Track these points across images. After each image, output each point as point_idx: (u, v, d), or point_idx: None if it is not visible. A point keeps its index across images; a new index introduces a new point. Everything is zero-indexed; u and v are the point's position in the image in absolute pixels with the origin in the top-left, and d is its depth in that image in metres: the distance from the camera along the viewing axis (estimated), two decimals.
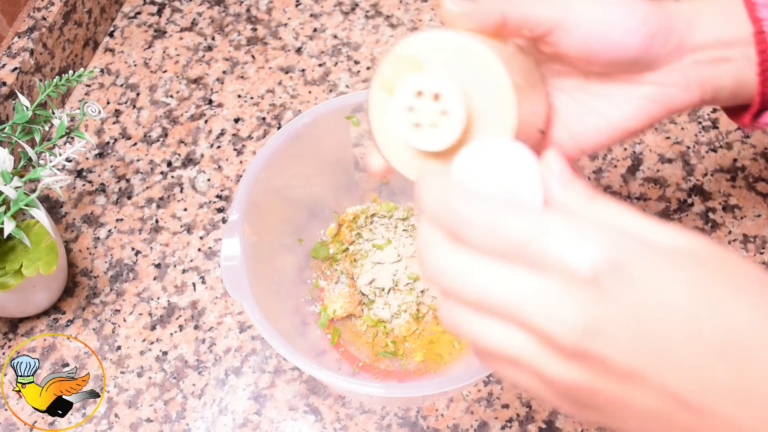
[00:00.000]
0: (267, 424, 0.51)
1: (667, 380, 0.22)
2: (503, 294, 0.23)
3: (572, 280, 0.22)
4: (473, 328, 0.25)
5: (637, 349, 0.22)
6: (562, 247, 0.22)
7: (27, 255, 0.50)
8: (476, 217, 0.24)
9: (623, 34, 0.32)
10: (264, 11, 0.74)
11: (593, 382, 0.23)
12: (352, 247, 0.57)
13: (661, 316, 0.22)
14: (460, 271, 0.24)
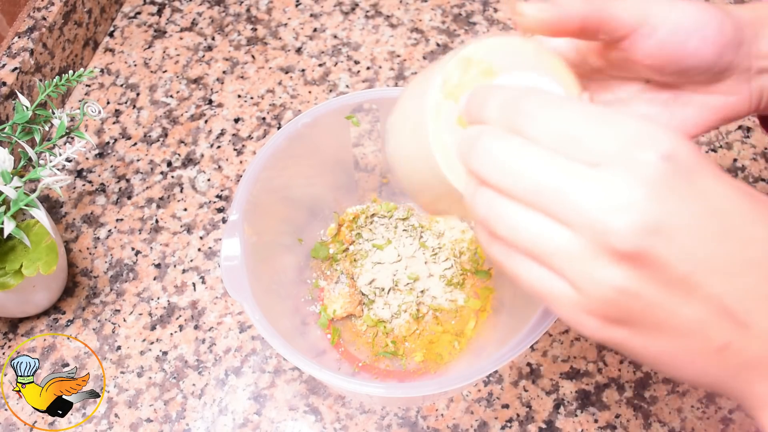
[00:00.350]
0: (267, 424, 0.51)
1: (720, 289, 0.21)
2: (556, 183, 0.22)
3: (639, 175, 0.21)
4: (513, 218, 0.23)
5: (696, 254, 0.21)
6: (630, 140, 0.21)
7: (27, 255, 0.50)
8: (541, 111, 0.23)
9: (700, 42, 0.31)
10: (264, 11, 0.74)
11: (641, 287, 0.21)
12: (352, 247, 0.57)
13: (724, 223, 0.21)
14: (517, 157, 0.23)
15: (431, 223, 0.58)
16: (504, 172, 0.23)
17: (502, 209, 0.23)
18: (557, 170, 0.22)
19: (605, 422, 0.50)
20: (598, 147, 0.21)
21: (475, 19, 0.72)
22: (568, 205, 0.21)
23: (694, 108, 0.33)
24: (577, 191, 0.21)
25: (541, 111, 0.23)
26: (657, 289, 0.21)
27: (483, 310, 0.54)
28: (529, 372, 0.52)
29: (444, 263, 0.56)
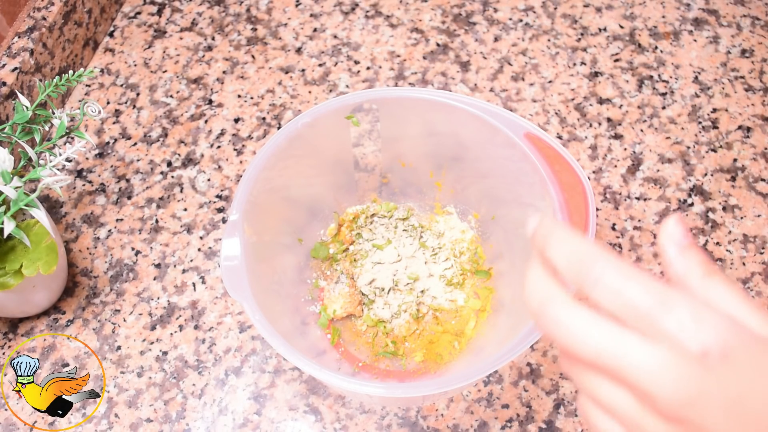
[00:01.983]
0: (267, 424, 0.51)
1: None
2: (617, 355, 0.25)
3: (682, 354, 0.24)
4: (586, 381, 0.27)
5: (728, 424, 0.24)
6: (679, 324, 0.24)
7: (27, 255, 0.50)
8: (607, 279, 0.26)
9: None
10: (264, 11, 0.74)
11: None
12: (352, 247, 0.57)
13: (758, 405, 0.24)
14: (581, 328, 0.26)
15: (431, 223, 0.58)
16: (572, 339, 0.26)
17: (577, 369, 0.27)
18: (615, 342, 0.25)
19: None
20: (653, 324, 0.25)
21: (475, 19, 0.72)
22: (626, 373, 0.25)
23: None
24: (631, 363, 0.25)
25: (607, 278, 0.26)
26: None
27: (483, 310, 0.54)
28: (529, 372, 0.52)
29: (444, 263, 0.56)
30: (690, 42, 0.70)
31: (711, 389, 0.24)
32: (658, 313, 0.25)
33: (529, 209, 0.50)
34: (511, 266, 0.53)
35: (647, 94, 0.66)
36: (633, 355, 0.25)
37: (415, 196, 0.59)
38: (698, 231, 0.58)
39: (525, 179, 0.49)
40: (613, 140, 0.63)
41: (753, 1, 0.73)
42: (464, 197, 0.58)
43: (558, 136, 0.64)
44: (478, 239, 0.57)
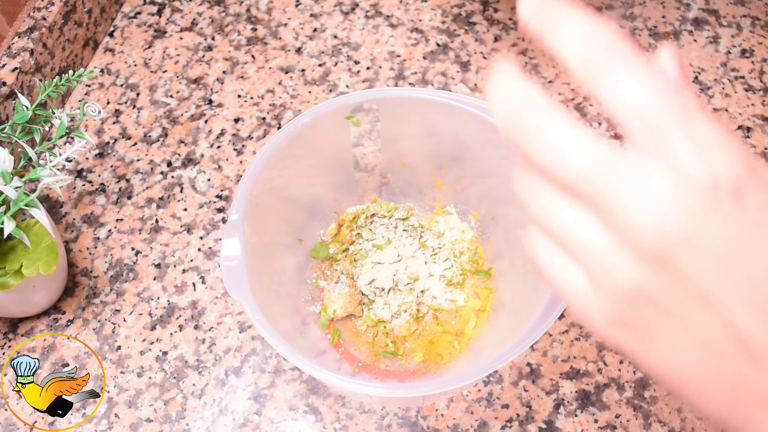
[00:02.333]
0: (267, 424, 0.51)
1: (738, 316, 0.20)
2: (604, 173, 0.20)
3: (686, 180, 0.19)
4: (545, 204, 0.22)
5: (721, 274, 0.20)
6: (692, 144, 0.19)
7: (27, 255, 0.50)
8: (622, 76, 0.21)
9: None
10: (264, 11, 0.74)
11: (657, 291, 0.21)
12: (352, 247, 0.57)
13: (759, 260, 0.20)
14: (567, 141, 0.21)
15: (431, 223, 0.58)
16: (549, 149, 0.21)
17: (538, 191, 0.22)
18: (593, 150, 0.20)
19: (605, 422, 0.50)
20: (657, 136, 0.20)
21: (475, 19, 0.72)
22: (603, 192, 0.20)
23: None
24: (612, 178, 0.20)
25: (628, 73, 0.21)
26: (673, 297, 0.21)
27: (483, 310, 0.54)
28: (529, 372, 0.52)
29: (444, 263, 0.56)
30: (690, 42, 0.70)
31: (712, 229, 0.19)
32: (669, 126, 0.20)
33: None
34: (511, 266, 0.53)
35: None
36: (624, 174, 0.20)
37: (415, 196, 0.59)
38: None
39: None
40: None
41: (753, 1, 0.73)
42: (464, 197, 0.58)
43: None
44: (478, 239, 0.57)
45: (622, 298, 0.21)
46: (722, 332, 0.20)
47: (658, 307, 0.21)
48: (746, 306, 0.20)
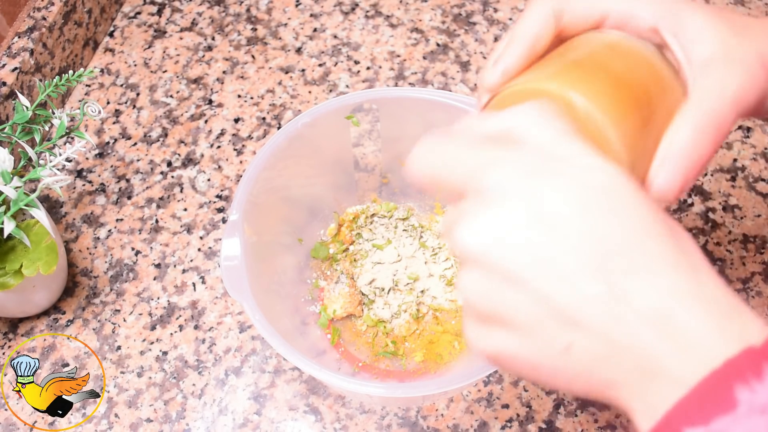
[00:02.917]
0: (267, 424, 0.51)
1: (545, 286, 0.24)
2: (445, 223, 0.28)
3: (480, 199, 0.25)
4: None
5: (523, 255, 0.24)
6: (475, 170, 0.26)
7: (27, 255, 0.50)
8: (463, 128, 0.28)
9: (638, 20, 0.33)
10: (264, 11, 0.74)
11: (484, 285, 0.25)
12: (352, 247, 0.57)
13: (556, 229, 0.24)
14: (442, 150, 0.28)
15: (431, 223, 0.58)
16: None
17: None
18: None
19: (605, 422, 0.50)
20: (476, 182, 0.26)
21: (475, 19, 0.72)
22: (448, 227, 0.27)
23: None
24: (452, 219, 0.27)
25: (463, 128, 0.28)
26: (495, 286, 0.25)
27: None
28: None
29: (444, 263, 0.56)
30: None
31: (504, 223, 0.25)
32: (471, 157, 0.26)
33: None
34: None
35: None
36: (459, 209, 0.27)
37: (415, 196, 0.59)
38: (698, 231, 0.58)
39: None
40: None
41: (753, 1, 0.73)
42: None
43: None
44: None
45: (470, 301, 0.26)
46: (541, 307, 0.24)
47: (490, 298, 0.25)
48: (547, 275, 0.24)
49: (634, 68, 0.31)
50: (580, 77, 0.30)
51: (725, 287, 0.24)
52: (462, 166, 0.26)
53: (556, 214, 0.24)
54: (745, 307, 0.24)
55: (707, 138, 0.30)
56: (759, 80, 0.31)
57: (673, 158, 0.30)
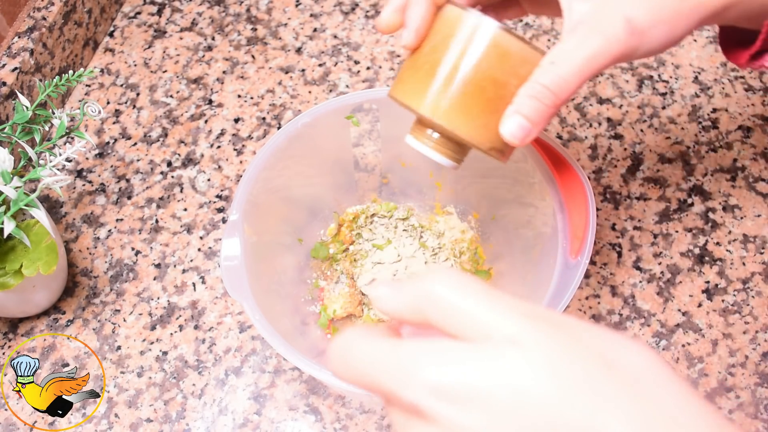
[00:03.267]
0: (267, 424, 0.51)
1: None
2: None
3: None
4: None
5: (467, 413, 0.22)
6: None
7: (27, 255, 0.50)
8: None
9: None
10: (264, 11, 0.74)
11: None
12: (352, 247, 0.57)
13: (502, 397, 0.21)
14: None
15: (431, 223, 0.58)
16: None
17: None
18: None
19: None
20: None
21: None
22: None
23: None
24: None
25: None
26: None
27: None
28: None
29: (444, 263, 0.56)
30: (690, 42, 0.70)
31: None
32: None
33: (529, 209, 0.50)
34: (511, 266, 0.53)
35: (647, 94, 0.66)
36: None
37: (415, 196, 0.59)
38: (698, 231, 0.58)
39: (525, 179, 0.49)
40: (613, 140, 0.63)
41: None
42: (464, 197, 0.58)
43: (558, 136, 0.64)
44: (478, 239, 0.57)
45: None
46: None
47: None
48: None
49: (481, 60, 0.36)
50: (438, 98, 0.37)
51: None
52: (387, 374, 0.23)
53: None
54: None
55: (547, 95, 0.35)
56: (617, 44, 0.35)
57: (510, 113, 0.36)
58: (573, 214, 0.44)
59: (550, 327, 0.22)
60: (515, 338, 0.22)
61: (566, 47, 0.35)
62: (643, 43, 0.35)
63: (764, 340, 0.53)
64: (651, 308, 0.54)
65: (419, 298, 0.24)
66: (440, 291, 0.24)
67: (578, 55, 0.35)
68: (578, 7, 0.35)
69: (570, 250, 0.43)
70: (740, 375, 0.51)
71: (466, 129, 0.37)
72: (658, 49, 0.36)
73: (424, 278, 0.24)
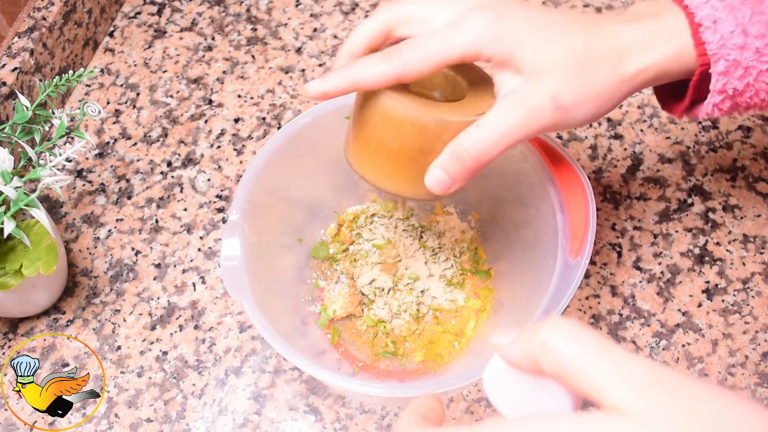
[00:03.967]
0: (267, 424, 0.51)
1: None
2: None
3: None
4: None
5: None
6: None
7: (27, 255, 0.50)
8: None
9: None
10: (264, 11, 0.74)
11: None
12: (352, 247, 0.57)
13: None
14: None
15: (431, 223, 0.58)
16: None
17: None
18: None
19: None
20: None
21: None
22: None
23: None
24: None
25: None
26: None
27: (483, 310, 0.54)
28: None
29: (444, 263, 0.56)
30: None
31: None
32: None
33: (529, 209, 0.50)
34: (511, 266, 0.53)
35: (647, 94, 0.66)
36: None
37: None
38: (698, 231, 0.58)
39: (525, 179, 0.49)
40: (613, 140, 0.63)
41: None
42: (464, 197, 0.58)
43: (558, 136, 0.64)
44: (478, 239, 0.57)
45: None
46: None
47: None
48: None
49: (404, 135, 0.39)
50: (369, 164, 0.42)
51: None
52: None
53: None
54: None
55: (467, 158, 0.38)
56: (541, 119, 0.37)
57: (434, 166, 0.39)
58: (573, 214, 0.44)
59: (664, 395, 0.23)
60: (627, 408, 0.23)
61: (493, 114, 0.37)
62: (568, 118, 0.38)
63: (764, 340, 0.53)
64: (651, 308, 0.54)
65: (534, 348, 0.26)
66: (555, 343, 0.25)
67: (502, 124, 0.37)
68: (510, 81, 0.38)
69: (570, 250, 0.43)
70: (740, 375, 0.51)
71: (406, 191, 0.42)
72: (585, 122, 0.39)
73: (540, 328, 0.26)
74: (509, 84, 0.38)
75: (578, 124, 0.39)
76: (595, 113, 0.39)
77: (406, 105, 0.39)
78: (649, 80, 0.39)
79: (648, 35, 0.38)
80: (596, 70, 0.37)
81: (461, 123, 0.38)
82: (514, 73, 0.38)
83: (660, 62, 0.38)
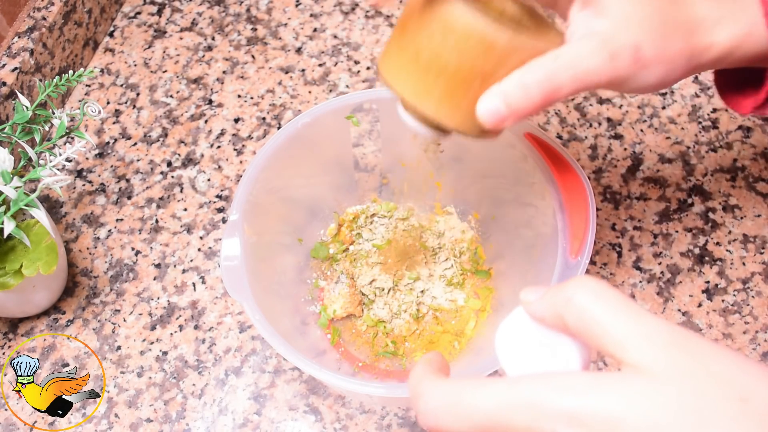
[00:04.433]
0: (267, 424, 0.51)
1: None
2: None
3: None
4: None
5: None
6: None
7: (27, 255, 0.50)
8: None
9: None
10: (264, 11, 0.74)
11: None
12: (352, 247, 0.57)
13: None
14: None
15: (431, 223, 0.58)
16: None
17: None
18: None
19: None
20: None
21: None
22: None
23: None
24: None
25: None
26: None
27: (483, 310, 0.54)
28: None
29: (444, 263, 0.56)
30: None
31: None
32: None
33: (529, 209, 0.50)
34: (511, 266, 0.53)
35: (647, 94, 0.66)
36: None
37: (416, 196, 0.59)
38: (698, 231, 0.58)
39: (525, 179, 0.49)
40: (613, 140, 0.63)
41: None
42: (464, 197, 0.58)
43: (558, 136, 0.64)
44: (478, 239, 0.57)
45: None
46: None
47: None
48: None
49: (467, 51, 0.34)
50: (418, 84, 0.35)
51: None
52: (518, 413, 0.24)
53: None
54: None
55: (533, 90, 0.34)
56: (617, 68, 0.34)
57: (493, 94, 0.34)
58: (573, 214, 0.44)
59: (683, 355, 0.23)
60: (646, 366, 0.23)
61: (574, 49, 0.34)
62: (638, 77, 0.35)
63: (764, 340, 0.53)
64: (651, 308, 0.54)
65: (560, 303, 0.26)
66: (579, 300, 0.25)
67: (582, 62, 0.34)
68: (592, 22, 0.35)
69: (570, 250, 0.43)
70: None
71: (452, 120, 0.36)
72: (648, 88, 0.36)
73: (567, 285, 0.26)
74: (591, 25, 0.35)
75: (642, 88, 0.36)
76: (663, 79, 0.36)
77: (477, 16, 0.34)
78: (716, 59, 0.36)
79: (720, 11, 0.36)
80: (675, 34, 0.35)
81: (537, 49, 0.34)
82: (597, 15, 0.35)
83: (728, 40, 0.35)
